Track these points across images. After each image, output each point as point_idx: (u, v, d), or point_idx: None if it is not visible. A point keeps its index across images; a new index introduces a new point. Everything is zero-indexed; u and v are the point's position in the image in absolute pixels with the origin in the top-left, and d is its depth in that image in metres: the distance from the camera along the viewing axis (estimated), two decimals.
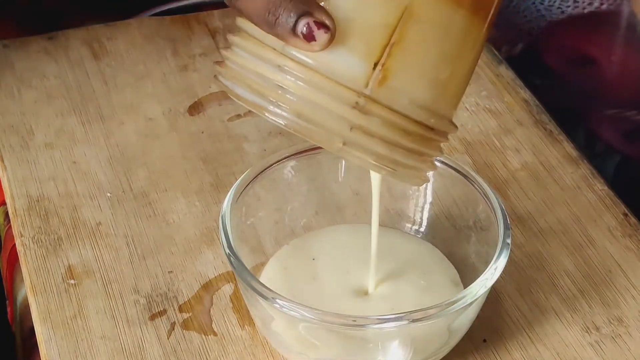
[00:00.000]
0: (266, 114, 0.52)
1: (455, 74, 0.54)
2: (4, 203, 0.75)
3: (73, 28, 0.87)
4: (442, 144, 0.56)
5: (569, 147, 0.76)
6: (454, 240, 0.65)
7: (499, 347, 0.62)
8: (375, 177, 0.61)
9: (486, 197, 0.62)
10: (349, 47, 0.51)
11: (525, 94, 0.81)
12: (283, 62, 0.52)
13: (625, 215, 0.71)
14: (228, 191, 0.62)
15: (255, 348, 0.62)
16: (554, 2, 0.94)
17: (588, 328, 0.63)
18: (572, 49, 0.93)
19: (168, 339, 0.63)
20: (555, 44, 0.95)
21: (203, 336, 0.63)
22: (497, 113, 0.80)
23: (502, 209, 0.61)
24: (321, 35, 0.50)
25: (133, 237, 0.69)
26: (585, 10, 0.93)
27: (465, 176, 0.63)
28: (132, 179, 0.73)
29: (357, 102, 0.51)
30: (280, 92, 0.52)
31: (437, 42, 0.52)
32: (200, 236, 0.69)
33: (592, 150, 0.86)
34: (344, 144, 0.52)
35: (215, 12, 0.90)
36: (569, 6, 0.93)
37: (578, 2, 0.93)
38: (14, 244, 0.70)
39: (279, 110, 0.52)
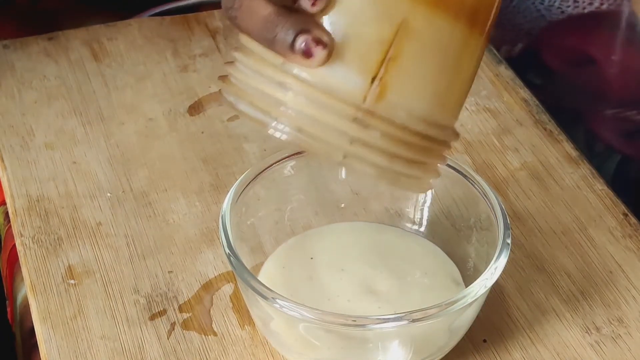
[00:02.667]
0: (268, 130, 0.52)
1: (454, 86, 0.54)
2: (4, 203, 0.75)
3: (73, 28, 0.87)
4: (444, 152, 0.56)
5: (569, 147, 0.76)
6: (454, 240, 0.65)
7: (499, 347, 0.62)
8: None
9: (486, 197, 0.62)
10: (346, 63, 0.51)
11: (525, 93, 0.81)
12: (283, 78, 0.52)
13: (625, 215, 0.71)
14: (228, 191, 0.62)
15: (255, 348, 0.62)
16: (554, 2, 0.94)
17: (588, 328, 0.63)
18: (572, 49, 0.93)
19: (168, 339, 0.63)
20: (555, 44, 0.95)
21: (203, 336, 0.63)
22: (496, 113, 0.79)
23: (502, 209, 0.61)
24: (319, 52, 0.50)
25: (133, 237, 0.69)
26: (585, 10, 0.93)
27: (465, 176, 0.63)
28: (132, 179, 0.73)
29: (356, 117, 0.52)
30: (281, 108, 0.52)
31: (435, 56, 0.52)
32: (200, 236, 0.69)
33: (592, 150, 0.86)
34: (345, 157, 0.52)
35: (216, 12, 0.90)
36: (569, 6, 0.93)
37: (578, 2, 0.93)
38: (14, 244, 0.70)
39: (280, 126, 0.52)
